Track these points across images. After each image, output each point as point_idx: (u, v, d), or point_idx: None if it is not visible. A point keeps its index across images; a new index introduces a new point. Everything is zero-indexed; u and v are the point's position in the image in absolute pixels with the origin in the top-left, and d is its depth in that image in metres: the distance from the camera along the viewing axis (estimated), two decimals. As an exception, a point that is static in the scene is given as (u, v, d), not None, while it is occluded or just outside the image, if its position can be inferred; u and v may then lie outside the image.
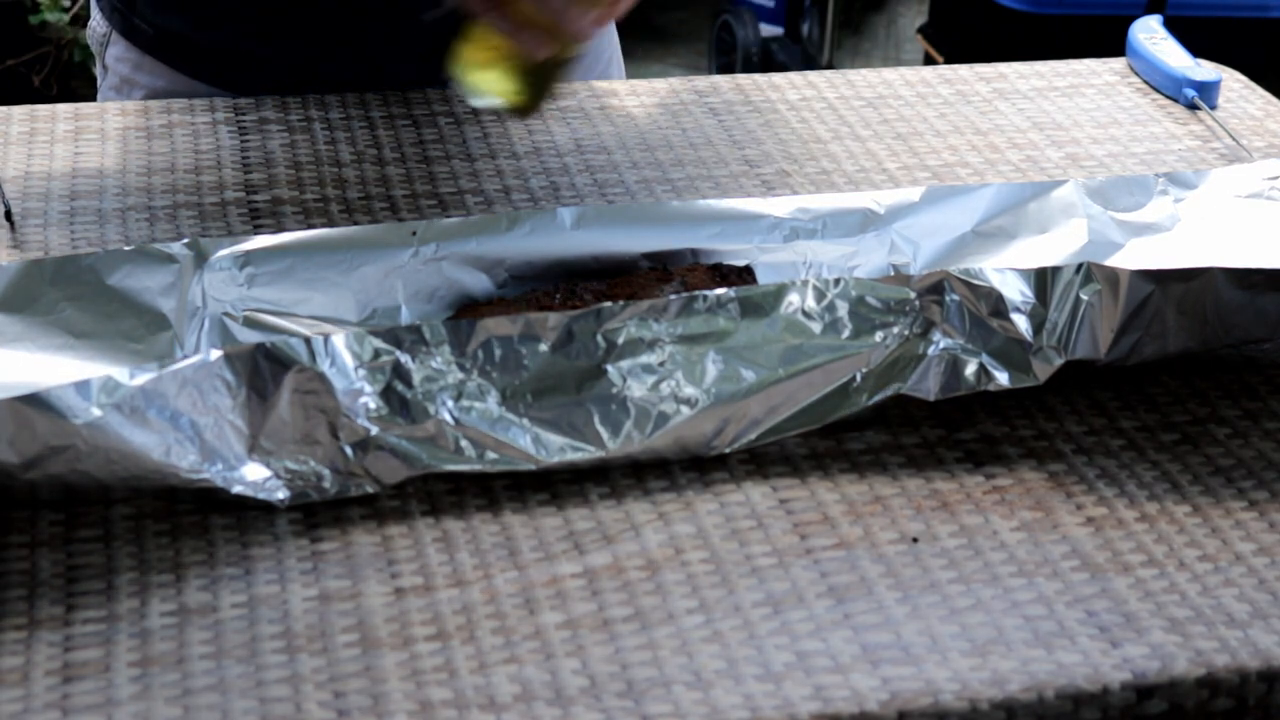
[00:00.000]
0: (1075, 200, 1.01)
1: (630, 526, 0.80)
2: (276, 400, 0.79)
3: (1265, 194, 1.03)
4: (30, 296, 0.88)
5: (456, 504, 0.81)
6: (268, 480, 0.79)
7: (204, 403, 0.78)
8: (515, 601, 0.75)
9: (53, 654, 0.71)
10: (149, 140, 1.15)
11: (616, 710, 0.69)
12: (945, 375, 0.87)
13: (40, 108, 1.20)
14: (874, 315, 0.87)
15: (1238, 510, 0.82)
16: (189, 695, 0.69)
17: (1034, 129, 1.22)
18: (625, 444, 0.83)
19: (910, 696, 0.70)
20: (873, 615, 0.74)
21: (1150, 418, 0.89)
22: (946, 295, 0.87)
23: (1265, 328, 0.91)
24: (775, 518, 0.81)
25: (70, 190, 1.08)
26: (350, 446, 0.80)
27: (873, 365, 0.86)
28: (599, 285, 0.93)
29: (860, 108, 1.25)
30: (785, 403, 0.85)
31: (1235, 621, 0.75)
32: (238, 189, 1.09)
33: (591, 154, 1.15)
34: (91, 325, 0.88)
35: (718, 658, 0.71)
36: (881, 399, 0.86)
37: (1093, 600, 0.76)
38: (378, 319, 0.92)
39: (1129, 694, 0.71)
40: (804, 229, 0.99)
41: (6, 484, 0.76)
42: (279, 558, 0.77)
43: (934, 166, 1.16)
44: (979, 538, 0.80)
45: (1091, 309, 0.87)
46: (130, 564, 0.76)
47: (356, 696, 0.69)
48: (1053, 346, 0.88)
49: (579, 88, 1.26)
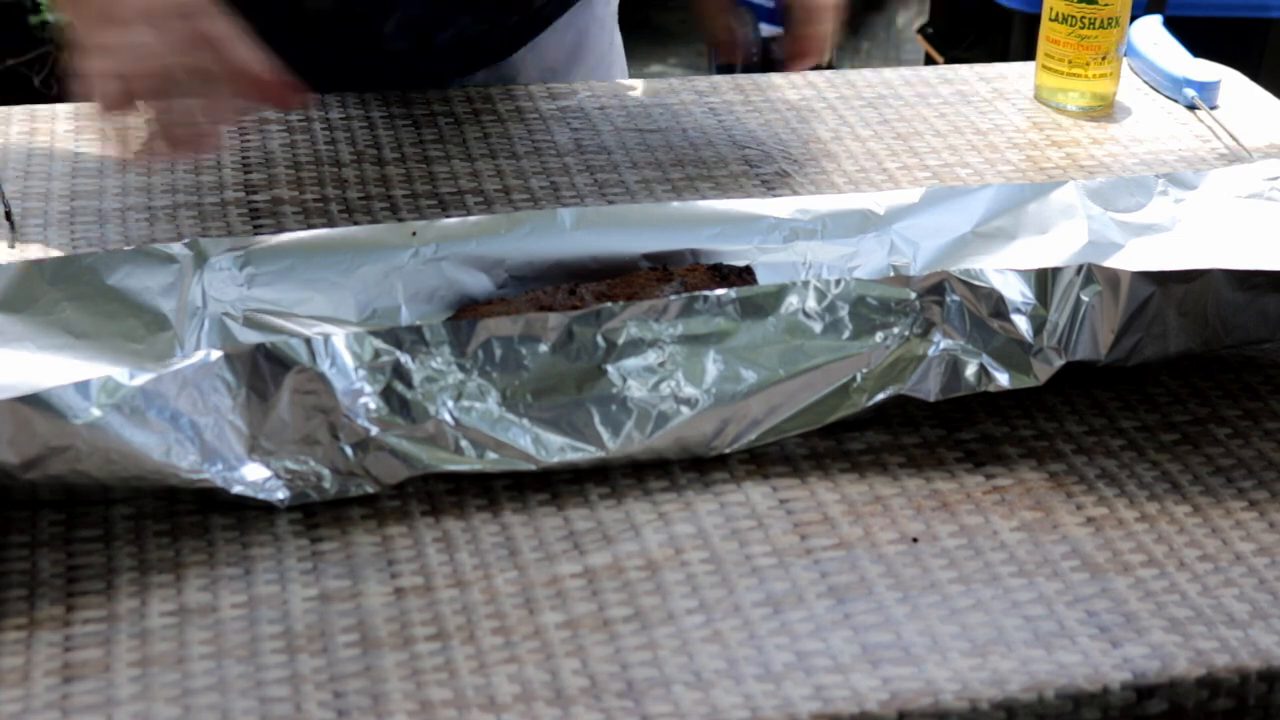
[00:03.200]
0: (1075, 201, 1.01)
1: (630, 526, 0.80)
2: (276, 400, 0.79)
3: (1265, 194, 1.03)
4: (30, 296, 0.88)
5: (456, 504, 0.81)
6: (268, 480, 0.79)
7: (204, 403, 0.78)
8: (515, 601, 0.74)
9: (53, 654, 0.71)
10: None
11: (616, 710, 0.69)
12: (945, 376, 0.87)
13: (40, 108, 1.20)
14: (874, 316, 0.87)
15: (1238, 510, 0.82)
16: (189, 695, 0.69)
17: (1034, 129, 1.22)
18: (625, 444, 0.83)
19: (910, 696, 0.70)
20: (873, 615, 0.74)
21: (1150, 418, 0.89)
22: (947, 296, 0.87)
23: (1266, 328, 0.91)
24: (775, 518, 0.81)
25: (70, 190, 1.08)
26: (350, 447, 0.80)
27: (873, 366, 0.86)
28: (599, 285, 0.93)
29: (860, 108, 1.25)
30: (786, 403, 0.85)
31: (1235, 621, 0.75)
32: (238, 189, 1.09)
33: (591, 154, 1.15)
34: (91, 325, 0.88)
35: (718, 658, 0.71)
36: (882, 399, 0.86)
37: (1093, 600, 0.76)
38: (378, 319, 0.92)
39: (1129, 694, 0.71)
40: (804, 229, 0.99)
41: (6, 484, 0.76)
42: (279, 558, 0.77)
43: (934, 166, 1.16)
44: (979, 538, 0.80)
45: (1092, 310, 0.87)
46: (130, 564, 0.76)
47: (356, 696, 0.69)
48: (1053, 347, 0.88)
49: (579, 88, 1.26)
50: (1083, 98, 1.24)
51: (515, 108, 1.22)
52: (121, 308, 0.89)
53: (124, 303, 0.89)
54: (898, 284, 0.87)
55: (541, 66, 1.28)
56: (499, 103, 1.22)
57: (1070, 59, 1.22)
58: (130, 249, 0.91)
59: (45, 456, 0.75)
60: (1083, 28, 1.21)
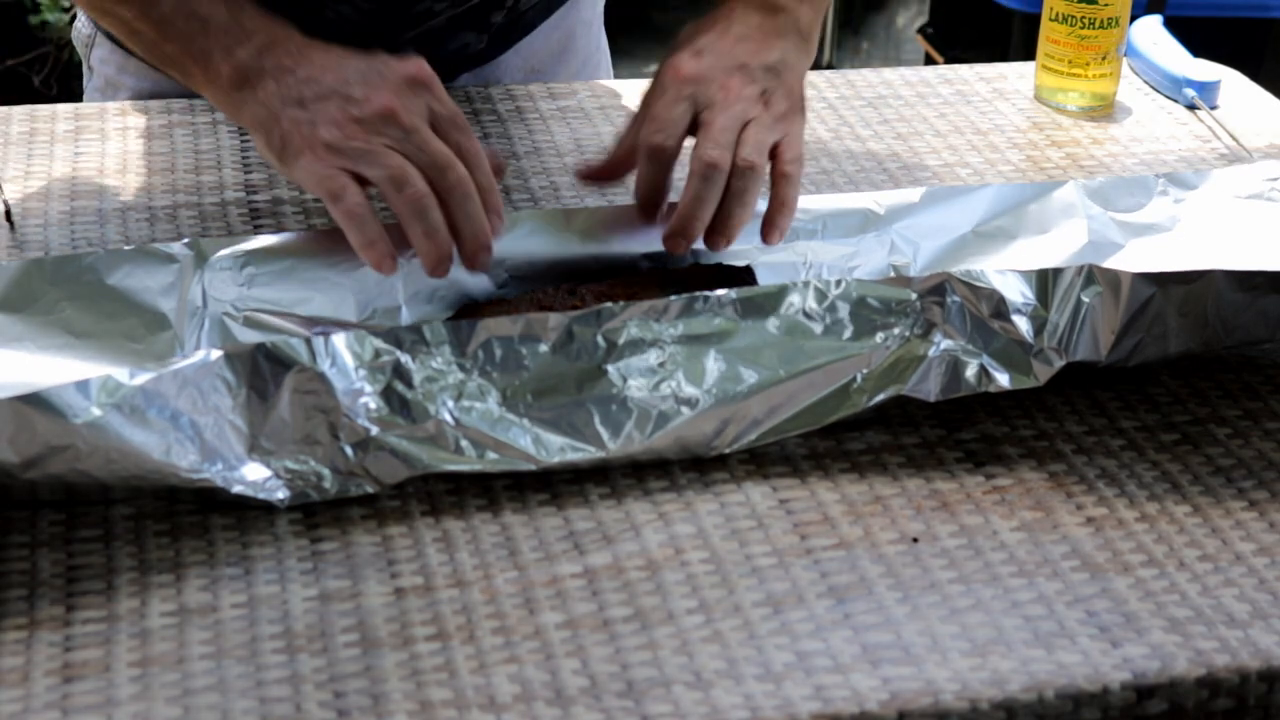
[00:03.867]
0: (1075, 201, 1.01)
1: (630, 526, 0.80)
2: (277, 400, 0.79)
3: (1265, 195, 1.03)
4: (30, 296, 0.88)
5: (456, 504, 0.81)
6: (268, 480, 0.79)
7: (204, 403, 0.78)
8: (515, 601, 0.74)
9: (53, 654, 0.71)
10: (149, 140, 1.15)
11: (616, 710, 0.69)
12: (946, 376, 0.87)
13: (40, 108, 1.20)
14: (875, 316, 0.87)
15: (1238, 510, 0.82)
16: (189, 695, 0.69)
17: (1034, 129, 1.22)
18: (626, 444, 0.83)
19: (910, 696, 0.70)
20: (873, 615, 0.74)
21: (1150, 418, 0.89)
22: (948, 297, 0.87)
23: (1266, 328, 0.91)
24: (775, 518, 0.81)
25: (70, 190, 1.08)
26: (350, 446, 0.80)
27: (874, 366, 0.86)
28: (599, 285, 0.93)
29: (860, 108, 1.25)
30: (786, 403, 0.85)
31: (1235, 621, 0.75)
32: (238, 189, 1.09)
33: (592, 154, 1.15)
34: (92, 325, 0.88)
35: (718, 658, 0.71)
36: (882, 400, 0.86)
37: (1093, 600, 0.76)
38: (378, 319, 0.92)
39: (1129, 694, 0.71)
40: (804, 229, 0.99)
41: (6, 484, 0.76)
42: (279, 558, 0.77)
43: (934, 166, 1.16)
44: (979, 538, 0.80)
45: (1093, 311, 0.87)
46: (130, 564, 0.76)
47: (356, 696, 0.69)
48: (1053, 348, 0.88)
49: (579, 88, 1.26)
50: (1083, 98, 1.24)
51: (515, 108, 1.22)
52: (121, 307, 0.89)
53: (124, 302, 0.89)
54: (899, 284, 0.87)
55: (526, 69, 1.28)
56: (499, 103, 1.22)
57: (1070, 59, 1.22)
58: (130, 249, 0.91)
59: (45, 456, 0.75)
60: (1083, 28, 1.21)
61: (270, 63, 0.93)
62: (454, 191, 0.89)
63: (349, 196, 0.89)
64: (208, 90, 0.96)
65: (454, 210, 0.89)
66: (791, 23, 1.01)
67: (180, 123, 1.17)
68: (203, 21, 0.94)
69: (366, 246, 0.89)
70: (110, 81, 1.25)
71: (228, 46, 0.94)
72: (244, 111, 0.94)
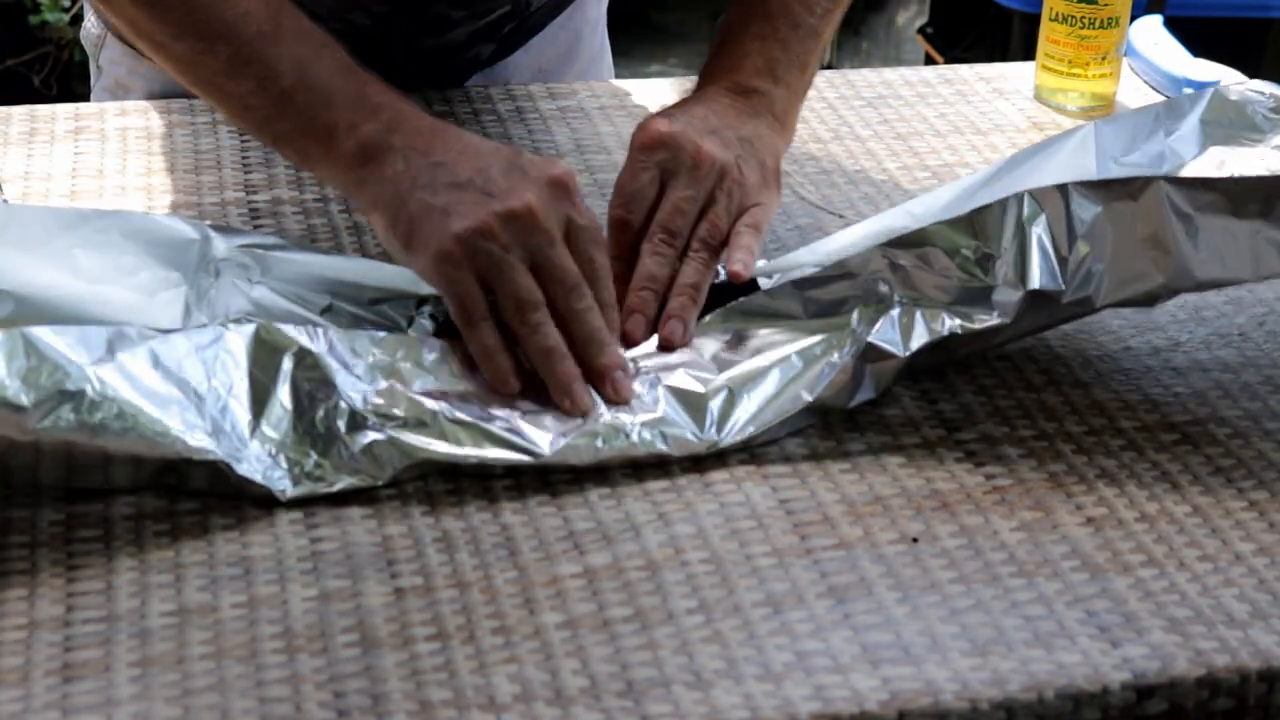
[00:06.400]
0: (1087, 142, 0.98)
1: (630, 526, 0.80)
2: (276, 389, 0.80)
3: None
4: (43, 239, 0.87)
5: (456, 504, 0.81)
6: (269, 468, 0.79)
7: (210, 378, 0.79)
8: (515, 601, 0.74)
9: (53, 654, 0.71)
10: (149, 140, 1.15)
11: (616, 710, 0.69)
12: (913, 329, 0.87)
13: (40, 108, 1.20)
14: (838, 299, 0.88)
15: (1238, 510, 0.82)
16: (189, 695, 0.69)
17: (1034, 129, 1.22)
18: (615, 419, 0.83)
19: (910, 696, 0.70)
20: (873, 615, 0.74)
21: (1150, 418, 0.89)
22: (896, 262, 0.87)
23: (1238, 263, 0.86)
24: (775, 518, 0.81)
25: (70, 190, 1.08)
26: (349, 437, 0.80)
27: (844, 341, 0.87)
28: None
29: (860, 108, 1.25)
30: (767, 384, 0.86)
31: (1235, 621, 0.75)
32: (238, 189, 1.09)
33: (591, 154, 1.15)
34: (102, 273, 0.87)
35: (718, 658, 0.71)
36: (854, 352, 0.86)
37: (1093, 600, 0.76)
38: (377, 314, 0.92)
39: (1129, 694, 0.71)
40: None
41: (13, 447, 0.75)
42: (279, 558, 0.77)
43: (934, 166, 1.16)
44: (979, 538, 0.80)
45: (1040, 239, 0.86)
46: (130, 564, 0.76)
47: (356, 696, 0.69)
48: (1008, 283, 0.86)
49: (578, 88, 1.26)
50: (1083, 98, 1.24)
51: (515, 108, 1.22)
52: (136, 261, 0.88)
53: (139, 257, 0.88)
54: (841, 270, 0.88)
55: (534, 69, 1.28)
56: (499, 103, 1.22)
57: (1070, 59, 1.22)
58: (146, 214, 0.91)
59: (56, 402, 0.74)
60: (1083, 28, 1.21)
61: (399, 141, 0.87)
62: (578, 318, 0.85)
63: (476, 313, 0.84)
64: (326, 169, 0.90)
65: (574, 334, 0.85)
66: (766, 104, 0.97)
67: (180, 123, 1.17)
68: (325, 96, 0.88)
69: (485, 358, 0.84)
70: (120, 82, 1.25)
71: (352, 122, 0.87)
72: (365, 190, 0.88)
